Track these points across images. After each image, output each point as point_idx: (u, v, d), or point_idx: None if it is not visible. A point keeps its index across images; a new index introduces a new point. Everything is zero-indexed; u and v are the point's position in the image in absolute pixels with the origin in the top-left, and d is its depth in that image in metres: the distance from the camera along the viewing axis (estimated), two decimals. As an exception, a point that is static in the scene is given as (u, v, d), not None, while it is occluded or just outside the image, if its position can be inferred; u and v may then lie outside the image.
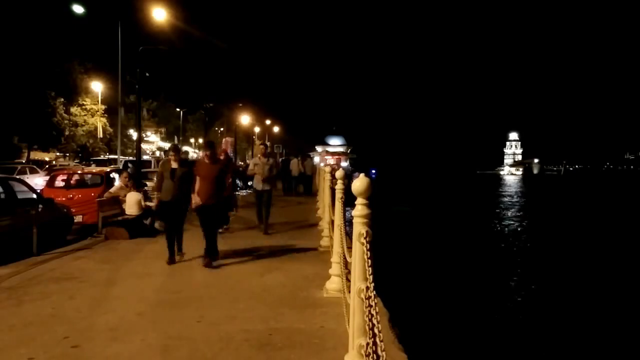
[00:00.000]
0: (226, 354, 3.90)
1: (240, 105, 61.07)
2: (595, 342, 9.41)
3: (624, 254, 18.80)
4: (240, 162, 45.69)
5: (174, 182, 7.26)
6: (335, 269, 5.51)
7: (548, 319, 10.90)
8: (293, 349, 3.99)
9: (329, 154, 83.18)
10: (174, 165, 7.41)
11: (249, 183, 16.31)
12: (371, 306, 2.23)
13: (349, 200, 3.80)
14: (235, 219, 11.73)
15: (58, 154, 39.11)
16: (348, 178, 6.72)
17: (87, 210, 10.74)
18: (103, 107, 38.88)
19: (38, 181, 17.12)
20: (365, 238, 2.57)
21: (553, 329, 10.23)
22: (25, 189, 9.12)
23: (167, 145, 56.45)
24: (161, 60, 40.59)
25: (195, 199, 7.00)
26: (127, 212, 9.76)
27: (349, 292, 3.10)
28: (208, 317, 4.75)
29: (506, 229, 27.14)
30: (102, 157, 33.24)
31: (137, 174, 13.44)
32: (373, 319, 2.16)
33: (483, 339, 9.53)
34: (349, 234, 5.67)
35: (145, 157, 27.36)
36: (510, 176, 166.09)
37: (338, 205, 5.62)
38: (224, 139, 18.35)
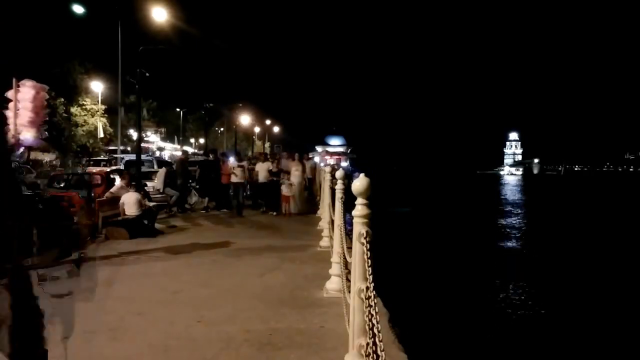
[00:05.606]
0: (226, 354, 3.90)
1: (240, 105, 61.09)
2: (595, 342, 9.42)
3: (623, 254, 18.80)
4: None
5: None
6: (335, 269, 5.51)
7: (548, 318, 10.90)
8: (293, 349, 3.99)
9: (329, 154, 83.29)
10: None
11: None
12: (371, 306, 2.23)
13: (349, 201, 3.80)
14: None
15: (58, 154, 39.12)
16: (348, 178, 6.75)
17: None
18: (103, 107, 38.87)
19: None
20: (365, 238, 2.58)
21: (553, 328, 10.23)
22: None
23: (167, 145, 56.46)
24: (161, 60, 40.57)
25: None
26: (127, 212, 9.76)
27: (349, 292, 3.10)
28: (208, 317, 4.75)
29: (506, 229, 27.14)
30: (102, 157, 33.25)
31: (138, 174, 13.45)
32: (373, 319, 2.16)
33: (483, 339, 9.53)
34: (349, 234, 5.67)
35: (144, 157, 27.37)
36: (510, 176, 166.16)
37: (338, 205, 5.62)
38: None
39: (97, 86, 38.17)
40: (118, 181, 12.10)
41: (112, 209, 10.04)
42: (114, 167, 20.91)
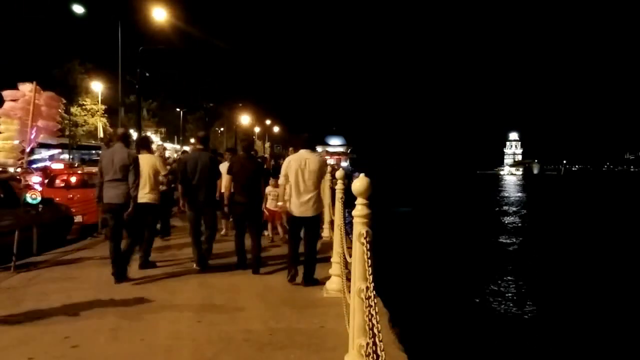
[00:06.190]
0: (226, 354, 3.90)
1: (240, 105, 61.12)
2: (595, 342, 9.42)
3: (623, 254, 18.79)
4: None
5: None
6: (335, 269, 5.51)
7: (547, 318, 10.91)
8: (293, 349, 3.99)
9: (329, 154, 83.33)
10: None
11: None
12: (371, 306, 2.23)
13: (349, 200, 3.80)
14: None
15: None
16: (348, 178, 6.80)
17: (87, 210, 10.73)
18: (103, 107, 38.90)
19: (34, 181, 17.06)
20: (365, 238, 2.57)
21: (552, 328, 10.23)
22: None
23: (167, 146, 56.42)
24: (161, 60, 40.61)
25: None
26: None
27: (349, 292, 3.10)
28: (208, 317, 4.75)
29: (507, 228, 27.14)
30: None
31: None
32: (373, 319, 2.16)
33: (483, 338, 9.53)
34: (349, 234, 5.67)
35: None
36: (510, 176, 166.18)
37: (338, 205, 5.62)
38: None
39: (97, 86, 38.20)
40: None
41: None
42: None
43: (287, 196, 5.89)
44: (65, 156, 35.98)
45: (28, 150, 7.27)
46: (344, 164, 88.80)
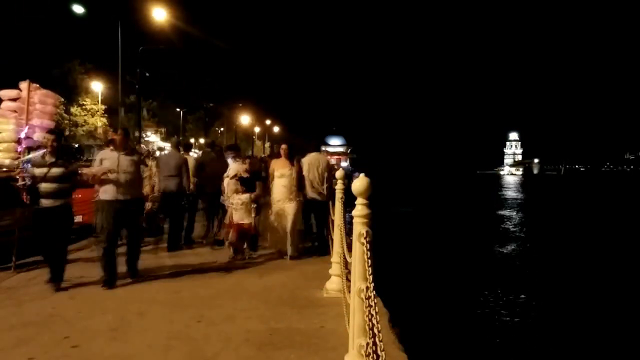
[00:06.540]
0: (226, 354, 3.90)
1: (240, 105, 61.10)
2: (595, 342, 9.42)
3: (623, 254, 18.79)
4: None
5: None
6: (335, 269, 5.51)
7: (548, 318, 10.90)
8: (293, 349, 3.99)
9: (329, 154, 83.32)
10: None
11: None
12: (371, 306, 2.22)
13: (349, 201, 3.80)
14: None
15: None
16: (348, 178, 6.94)
17: (87, 210, 10.70)
18: (103, 107, 38.86)
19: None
20: (365, 238, 2.57)
21: (553, 328, 10.23)
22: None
23: (167, 145, 56.40)
24: (161, 60, 40.61)
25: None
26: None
27: (349, 292, 3.10)
28: (208, 317, 4.75)
29: (507, 228, 27.13)
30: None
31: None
32: (373, 319, 2.16)
33: (483, 338, 9.53)
34: (349, 234, 5.67)
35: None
36: (510, 176, 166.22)
37: (338, 205, 5.62)
38: None
39: (97, 86, 38.15)
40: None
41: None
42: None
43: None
44: None
45: (21, 150, 7.24)
46: (344, 164, 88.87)
